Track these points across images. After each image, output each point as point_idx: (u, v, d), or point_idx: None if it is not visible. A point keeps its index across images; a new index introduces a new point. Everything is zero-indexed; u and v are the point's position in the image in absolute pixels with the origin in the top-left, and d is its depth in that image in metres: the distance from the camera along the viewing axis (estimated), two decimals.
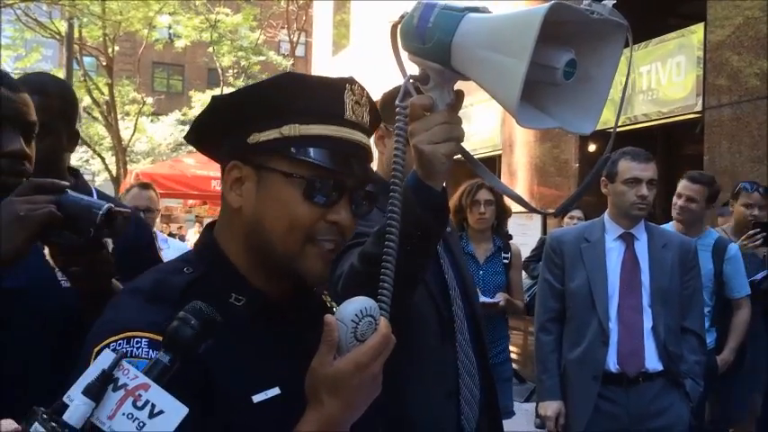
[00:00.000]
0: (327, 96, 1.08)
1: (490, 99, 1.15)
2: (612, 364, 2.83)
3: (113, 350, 0.91)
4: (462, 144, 1.20)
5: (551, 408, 2.94)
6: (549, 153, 7.92)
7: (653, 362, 2.82)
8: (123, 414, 0.80)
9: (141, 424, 0.80)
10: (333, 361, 0.97)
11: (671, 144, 7.74)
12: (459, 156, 1.23)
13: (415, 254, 1.25)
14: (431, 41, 1.13)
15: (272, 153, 1.06)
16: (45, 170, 1.64)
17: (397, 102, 1.15)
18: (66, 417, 0.78)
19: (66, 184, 1.31)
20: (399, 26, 1.17)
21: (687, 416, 2.85)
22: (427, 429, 1.63)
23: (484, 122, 9.16)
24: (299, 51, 24.00)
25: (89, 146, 20.31)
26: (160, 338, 0.90)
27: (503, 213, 4.14)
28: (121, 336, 0.94)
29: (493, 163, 8.91)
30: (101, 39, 19.01)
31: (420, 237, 1.24)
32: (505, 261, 4.00)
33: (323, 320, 0.98)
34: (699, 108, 6.12)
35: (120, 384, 0.81)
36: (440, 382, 1.67)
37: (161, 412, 0.81)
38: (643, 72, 6.72)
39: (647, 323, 2.83)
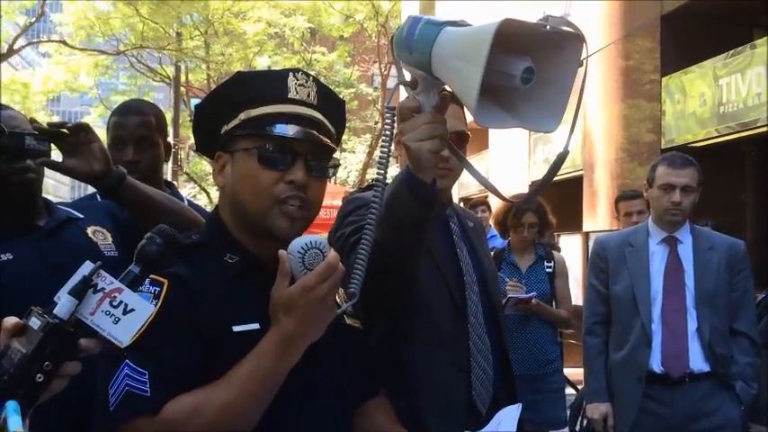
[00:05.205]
0: (273, 83, 1.36)
1: (568, 120, 1.34)
2: (656, 365, 2.85)
3: None
4: (539, 164, 1.37)
5: (598, 410, 3.00)
6: (632, 172, 7.83)
7: (698, 363, 2.82)
8: (102, 311, 1.03)
9: (117, 319, 1.03)
10: (287, 287, 1.19)
11: (761, 158, 7.47)
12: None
13: (407, 241, 1.45)
14: (416, 52, 1.32)
15: (238, 137, 1.34)
16: (148, 177, 2.02)
17: (385, 105, 1.36)
18: (55, 311, 1.00)
19: None
20: (394, 38, 1.38)
21: (738, 418, 2.83)
22: (435, 400, 1.70)
23: (564, 143, 9.10)
24: (391, 84, 24.59)
25: (195, 182, 21.55)
26: (161, 279, 1.21)
27: (546, 227, 4.39)
28: None
29: (574, 183, 8.86)
30: (205, 81, 20.32)
31: (410, 225, 1.41)
32: (549, 270, 4.18)
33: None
34: None
35: (99, 288, 1.04)
36: (450, 358, 1.75)
37: (132, 310, 1.04)
38: (722, 84, 6.59)
39: (692, 325, 2.85)
